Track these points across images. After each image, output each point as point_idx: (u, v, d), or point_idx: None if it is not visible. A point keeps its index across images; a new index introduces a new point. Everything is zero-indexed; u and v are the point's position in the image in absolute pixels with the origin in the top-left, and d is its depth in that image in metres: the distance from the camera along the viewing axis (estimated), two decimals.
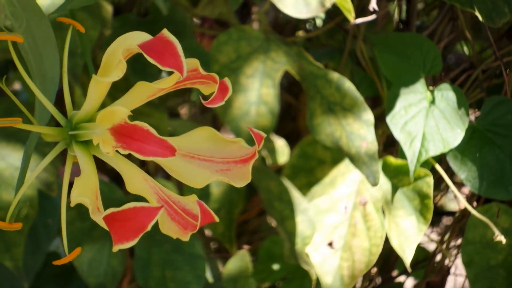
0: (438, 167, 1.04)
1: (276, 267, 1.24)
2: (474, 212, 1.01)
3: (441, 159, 1.06)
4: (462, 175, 1.01)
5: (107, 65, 0.50)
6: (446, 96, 1.03)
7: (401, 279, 1.41)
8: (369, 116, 1.01)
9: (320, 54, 1.21)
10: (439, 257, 1.25)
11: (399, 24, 1.29)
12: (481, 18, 0.98)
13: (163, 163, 0.52)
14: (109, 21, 1.07)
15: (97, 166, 0.53)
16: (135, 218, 0.46)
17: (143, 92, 0.52)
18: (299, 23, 1.43)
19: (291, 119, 1.60)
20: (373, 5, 1.04)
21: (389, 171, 1.07)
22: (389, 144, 1.20)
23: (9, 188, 1.00)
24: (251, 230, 1.49)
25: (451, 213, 1.60)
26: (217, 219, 0.52)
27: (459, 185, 1.20)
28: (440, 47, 1.14)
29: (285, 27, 1.50)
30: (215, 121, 1.57)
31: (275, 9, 1.29)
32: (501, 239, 0.98)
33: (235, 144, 0.53)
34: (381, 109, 1.13)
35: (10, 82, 1.42)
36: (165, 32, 0.48)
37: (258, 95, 1.01)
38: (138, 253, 1.10)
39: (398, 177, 1.06)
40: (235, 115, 1.00)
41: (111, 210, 0.46)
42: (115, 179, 1.21)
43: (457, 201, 1.32)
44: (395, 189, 1.06)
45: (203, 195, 1.21)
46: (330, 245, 1.07)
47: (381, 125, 1.12)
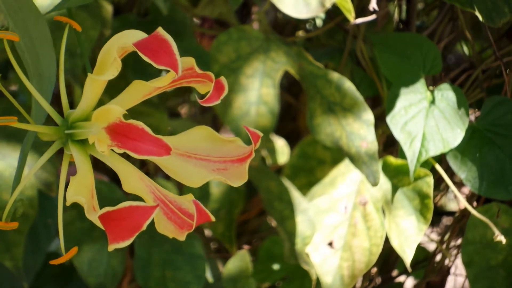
0: (438, 167, 1.04)
1: (276, 267, 1.24)
2: (474, 212, 1.01)
3: (441, 159, 1.06)
4: (462, 175, 1.01)
5: (103, 64, 0.50)
6: (446, 96, 1.03)
7: (401, 279, 1.41)
8: (369, 116, 1.01)
9: (320, 54, 1.21)
10: (439, 257, 1.25)
11: (399, 24, 1.29)
12: (481, 18, 0.98)
13: (160, 162, 0.52)
14: (109, 21, 1.07)
15: (97, 166, 0.53)
16: (131, 217, 0.46)
17: (139, 90, 0.52)
18: (299, 23, 1.43)
19: (291, 119, 1.60)
20: (373, 5, 1.04)
21: (389, 171, 1.07)
22: (389, 144, 1.20)
23: (9, 188, 1.00)
24: (251, 230, 1.49)
25: (451, 213, 1.60)
26: (213, 219, 0.52)
27: (459, 185, 1.20)
28: (440, 47, 1.14)
29: (285, 27, 1.50)
30: (215, 121, 1.57)
31: (275, 9, 1.29)
32: (501, 239, 0.98)
33: (232, 143, 0.53)
34: (381, 109, 1.13)
35: (9, 82, 1.42)
36: (160, 30, 0.47)
37: (258, 95, 1.01)
38: (138, 253, 1.10)
39: (398, 177, 1.06)
40: (235, 115, 1.00)
41: (106, 209, 0.46)
42: (114, 179, 1.21)
43: (457, 201, 1.32)
44: (395, 189, 1.06)
45: (203, 195, 1.21)
46: (330, 245, 1.07)
47: (381, 125, 1.12)
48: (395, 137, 1.01)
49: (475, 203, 1.14)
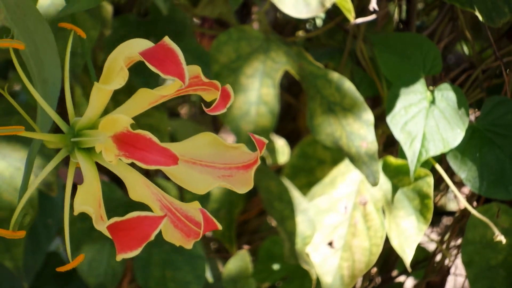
0: (438, 167, 1.04)
1: (276, 267, 1.24)
2: (474, 212, 1.01)
3: (441, 159, 1.06)
4: (462, 175, 1.01)
5: (109, 72, 0.50)
6: (446, 96, 1.03)
7: (401, 279, 1.41)
8: (369, 116, 1.01)
9: (320, 54, 1.21)
10: (439, 257, 1.25)
11: (399, 24, 1.29)
12: (481, 18, 0.98)
13: (165, 169, 0.52)
14: (109, 21, 1.07)
15: (98, 167, 0.53)
16: (139, 227, 0.46)
17: (145, 98, 0.52)
18: (299, 23, 1.43)
19: (291, 119, 1.60)
20: (373, 5, 1.04)
21: (389, 171, 1.07)
22: (389, 144, 1.20)
23: (10, 188, 1.00)
24: (251, 230, 1.49)
25: (451, 213, 1.60)
26: (219, 227, 0.52)
27: (459, 185, 1.20)
28: (440, 47, 1.14)
29: (285, 27, 1.50)
30: (215, 121, 1.57)
31: (275, 9, 1.29)
32: (501, 239, 0.98)
33: (236, 149, 0.53)
34: (381, 109, 1.13)
35: (10, 83, 1.42)
36: (166, 39, 0.47)
37: (258, 95, 1.01)
38: (138, 253, 1.10)
39: (398, 177, 1.06)
40: (235, 115, 1.00)
41: (115, 219, 0.46)
42: (115, 179, 1.21)
43: (457, 201, 1.32)
44: (395, 189, 1.06)
45: (203, 196, 1.21)
46: (330, 245, 1.07)
47: (381, 125, 1.12)
48: (395, 137, 1.01)
49: (475, 203, 1.14)
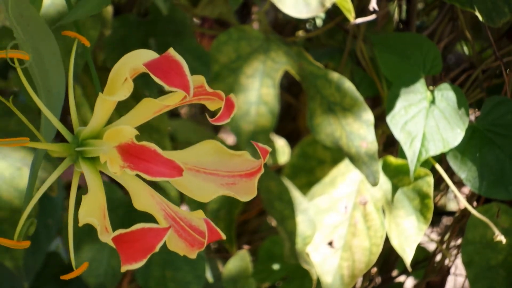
0: (438, 167, 1.04)
1: (276, 267, 1.24)
2: (474, 212, 1.01)
3: (441, 159, 1.06)
4: (462, 175, 1.01)
5: (113, 83, 0.50)
6: (446, 96, 1.03)
7: (401, 279, 1.41)
8: (369, 116, 1.01)
9: (320, 54, 1.21)
10: (439, 257, 1.25)
11: (399, 24, 1.29)
12: (481, 18, 0.98)
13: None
14: (109, 21, 1.07)
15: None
16: (143, 239, 0.46)
17: (149, 108, 0.52)
18: (299, 23, 1.43)
19: (291, 119, 1.60)
20: (373, 5, 1.04)
21: (389, 171, 1.07)
22: (389, 144, 1.20)
23: (10, 188, 1.00)
24: (251, 230, 1.49)
25: (451, 213, 1.60)
26: (224, 237, 0.52)
27: (459, 185, 1.20)
28: (440, 47, 1.14)
29: (285, 27, 1.50)
30: None
31: (275, 9, 1.29)
32: (501, 239, 0.98)
33: (239, 157, 0.53)
34: (381, 109, 1.13)
35: (9, 83, 1.42)
36: (171, 51, 0.47)
37: (258, 95, 1.01)
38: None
39: (398, 177, 1.06)
40: (235, 115, 1.00)
41: (120, 231, 0.46)
42: (114, 180, 1.21)
43: (457, 201, 1.32)
44: (395, 189, 1.06)
45: None
46: (330, 244, 1.07)
47: (381, 125, 1.12)
48: (395, 137, 1.01)
49: (475, 203, 1.14)
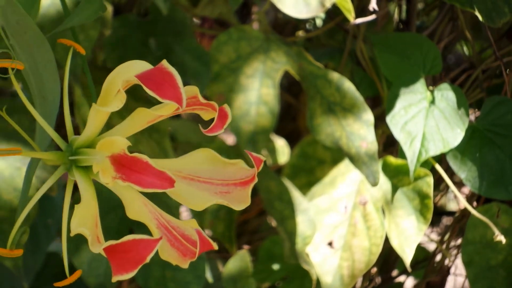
0: (438, 167, 1.04)
1: (276, 267, 1.24)
2: (474, 212, 1.01)
3: (441, 159, 1.06)
4: (462, 175, 1.01)
5: (107, 93, 0.50)
6: (446, 96, 1.03)
7: (401, 279, 1.41)
8: (369, 116, 1.01)
9: (320, 54, 1.21)
10: (439, 257, 1.25)
11: (399, 24, 1.29)
12: (481, 18, 0.98)
13: None
14: (109, 21, 1.07)
15: None
16: (135, 250, 0.46)
17: (143, 118, 0.52)
18: (299, 23, 1.43)
19: (291, 119, 1.60)
20: (373, 5, 1.04)
21: (389, 171, 1.07)
22: (389, 144, 1.20)
23: (9, 187, 1.00)
24: (251, 230, 1.49)
25: (451, 213, 1.60)
26: (215, 247, 0.52)
27: (459, 185, 1.20)
28: (440, 47, 1.14)
29: (285, 27, 1.50)
30: None
31: (275, 9, 1.29)
32: (501, 239, 0.98)
33: (234, 165, 0.53)
34: (381, 109, 1.13)
35: (9, 83, 1.42)
36: (164, 63, 0.48)
37: (258, 95, 1.01)
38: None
39: (398, 177, 1.06)
40: (235, 115, 1.00)
41: (110, 242, 0.46)
42: None
43: (457, 201, 1.32)
44: (395, 189, 1.06)
45: None
46: (330, 244, 1.07)
47: (381, 125, 1.12)
48: (395, 137, 1.01)
49: (475, 203, 1.14)
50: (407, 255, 1.00)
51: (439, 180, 1.11)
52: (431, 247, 1.46)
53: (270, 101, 1.01)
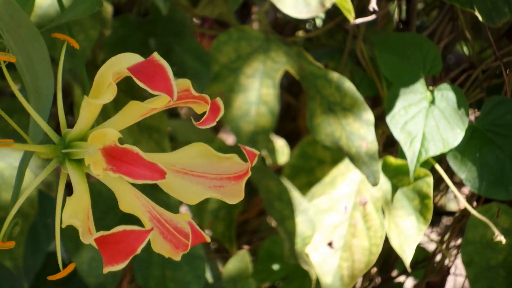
0: (438, 167, 1.04)
1: (276, 267, 1.24)
2: (474, 212, 1.01)
3: (441, 159, 1.06)
4: (462, 175, 1.01)
5: (99, 86, 0.50)
6: (446, 96, 1.03)
7: (401, 279, 1.41)
8: (369, 116, 1.01)
9: (320, 54, 1.21)
10: (439, 257, 1.25)
11: (399, 24, 1.29)
12: (481, 18, 0.98)
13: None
14: (109, 21, 1.07)
15: None
16: (126, 241, 0.46)
17: (135, 111, 0.52)
18: (299, 23, 1.43)
19: (291, 119, 1.60)
20: (373, 5, 1.04)
21: (389, 171, 1.07)
22: (389, 144, 1.20)
23: (9, 188, 1.00)
24: (251, 230, 1.49)
25: (451, 213, 1.60)
26: (208, 240, 0.53)
27: (459, 185, 1.20)
28: (440, 47, 1.14)
29: (285, 27, 1.50)
30: None
31: (275, 9, 1.29)
32: (501, 239, 0.98)
33: (228, 160, 0.53)
34: (381, 109, 1.13)
35: (8, 83, 1.41)
36: (155, 55, 0.48)
37: (258, 95, 1.01)
38: (138, 253, 1.10)
39: (398, 177, 1.06)
40: (235, 115, 1.00)
41: (101, 233, 0.46)
42: None
43: (457, 201, 1.32)
44: (395, 189, 1.06)
45: None
46: (330, 245, 1.07)
47: (381, 125, 1.12)
48: (395, 137, 1.01)
49: (475, 203, 1.14)
50: (407, 255, 1.00)
51: (439, 180, 1.11)
52: (431, 247, 1.46)
53: (270, 101, 1.01)
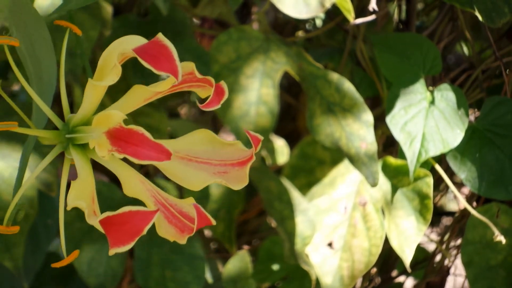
0: (438, 167, 1.04)
1: (276, 267, 1.24)
2: (474, 212, 1.01)
3: (441, 159, 1.06)
4: (461, 175, 1.01)
5: (103, 69, 0.50)
6: (446, 96, 1.03)
7: (401, 279, 1.41)
8: (368, 116, 1.01)
9: (320, 54, 1.21)
10: (439, 257, 1.25)
11: (399, 24, 1.29)
12: (481, 18, 0.98)
13: (161, 166, 0.52)
14: (109, 21, 1.07)
15: (96, 166, 0.53)
16: (131, 221, 0.46)
17: (140, 95, 0.52)
18: (299, 23, 1.43)
19: (291, 119, 1.60)
20: (373, 5, 1.04)
21: (389, 172, 1.07)
22: (389, 144, 1.20)
23: (9, 188, 1.00)
24: (251, 230, 1.49)
25: (451, 213, 1.60)
26: (213, 222, 0.52)
27: (459, 185, 1.20)
28: (440, 47, 1.14)
29: (285, 27, 1.50)
30: (215, 121, 1.57)
31: (275, 9, 1.29)
32: (501, 239, 0.98)
33: (232, 146, 0.53)
34: (381, 109, 1.13)
35: (10, 82, 1.42)
36: (160, 36, 0.48)
37: (258, 95, 1.01)
38: (138, 254, 1.10)
39: (397, 177, 1.06)
40: (235, 115, 1.00)
41: (107, 214, 0.46)
42: (114, 180, 1.21)
43: (457, 201, 1.32)
44: (394, 190, 1.06)
45: (203, 196, 1.21)
46: (330, 245, 1.07)
47: (381, 125, 1.12)
48: (395, 137, 1.01)
49: (475, 203, 1.14)
50: (406, 256, 1.00)
51: (439, 180, 1.11)
52: (431, 247, 1.46)
53: (270, 101, 1.01)
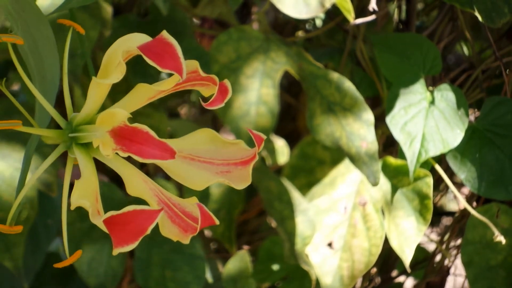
0: (437, 167, 1.04)
1: (276, 267, 1.24)
2: (474, 212, 1.01)
3: (441, 159, 1.06)
4: (461, 175, 1.01)
5: (107, 67, 0.50)
6: (446, 96, 1.03)
7: (401, 279, 1.41)
8: (369, 115, 1.01)
9: (320, 54, 1.21)
10: (439, 257, 1.25)
11: (399, 24, 1.29)
12: (480, 18, 0.98)
13: (163, 165, 0.52)
14: (109, 21, 1.07)
15: (97, 166, 0.53)
16: (135, 221, 0.46)
17: (143, 94, 0.52)
18: (299, 23, 1.43)
19: (291, 119, 1.60)
20: (373, 5, 1.04)
21: (389, 172, 1.07)
22: (389, 144, 1.20)
23: (10, 188, 1.00)
24: (251, 230, 1.49)
25: (451, 213, 1.60)
26: (217, 222, 0.52)
27: (459, 185, 1.20)
28: (440, 47, 1.14)
29: (285, 27, 1.50)
30: (215, 121, 1.57)
31: (275, 9, 1.29)
32: (501, 239, 0.98)
33: (235, 146, 0.53)
34: (381, 109, 1.13)
35: (9, 82, 1.42)
36: (164, 34, 0.47)
37: (258, 95, 1.01)
38: (138, 254, 1.10)
39: (397, 177, 1.06)
40: (235, 115, 1.00)
41: (111, 213, 0.46)
42: (115, 180, 1.21)
43: (457, 201, 1.32)
44: (394, 190, 1.06)
45: (203, 196, 1.21)
46: (329, 245, 1.07)
47: (381, 125, 1.12)
48: (394, 137, 1.01)
49: (475, 203, 1.14)
50: (406, 256, 1.00)
51: (438, 180, 1.11)
52: (431, 247, 1.46)
53: (270, 101, 1.01)
